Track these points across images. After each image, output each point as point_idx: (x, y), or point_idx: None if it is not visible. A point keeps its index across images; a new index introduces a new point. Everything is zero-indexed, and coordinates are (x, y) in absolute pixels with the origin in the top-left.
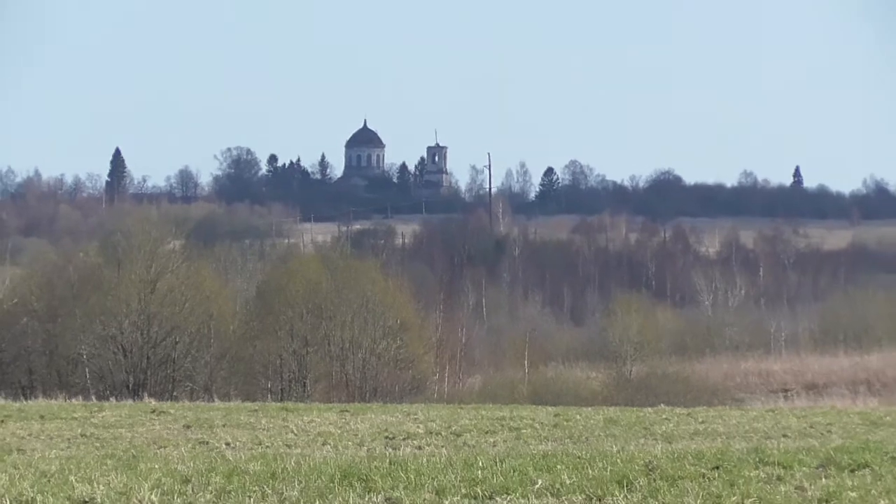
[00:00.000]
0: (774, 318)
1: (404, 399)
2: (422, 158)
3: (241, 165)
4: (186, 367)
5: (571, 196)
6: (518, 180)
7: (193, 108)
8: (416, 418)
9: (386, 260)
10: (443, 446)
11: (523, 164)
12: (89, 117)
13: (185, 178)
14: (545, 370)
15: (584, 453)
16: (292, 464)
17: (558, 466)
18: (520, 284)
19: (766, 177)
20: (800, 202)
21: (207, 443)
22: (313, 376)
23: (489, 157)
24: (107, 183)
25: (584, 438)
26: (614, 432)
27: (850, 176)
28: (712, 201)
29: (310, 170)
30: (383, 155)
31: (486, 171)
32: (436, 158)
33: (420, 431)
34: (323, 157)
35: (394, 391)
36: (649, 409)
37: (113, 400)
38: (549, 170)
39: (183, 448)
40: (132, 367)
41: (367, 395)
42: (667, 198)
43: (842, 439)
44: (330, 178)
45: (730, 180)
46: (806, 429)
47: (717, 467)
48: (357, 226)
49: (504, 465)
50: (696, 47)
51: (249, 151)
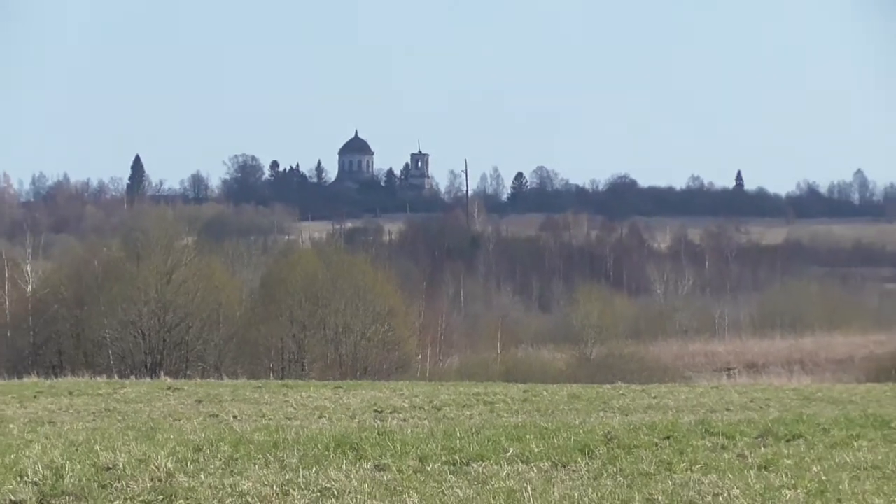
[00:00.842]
0: (719, 305)
1: (391, 377)
2: (406, 164)
3: (246, 170)
4: (198, 348)
5: (539, 197)
6: (491, 183)
7: (204, 120)
8: (401, 394)
9: (375, 254)
10: (425, 419)
11: (496, 169)
12: (112, 127)
13: (197, 181)
14: (516, 351)
15: (550, 425)
16: (292, 434)
17: (527, 436)
18: (493, 276)
19: (712, 180)
20: (741, 203)
21: (217, 416)
22: (311, 357)
23: (466, 162)
24: (127, 186)
25: (550, 412)
26: (577, 406)
27: (785, 179)
28: (664, 202)
29: (307, 174)
30: (372, 161)
31: (464, 175)
32: (419, 164)
33: (405, 406)
34: (319, 162)
35: (382, 370)
36: (608, 386)
37: (133, 378)
38: (519, 174)
39: (195, 420)
40: (150, 349)
41: (358, 373)
42: (623, 199)
43: (778, 412)
44: (325, 182)
45: (679, 183)
46: (747, 403)
47: (668, 437)
48: (349, 224)
49: (479, 436)
50: (648, 64)
51: (254, 158)
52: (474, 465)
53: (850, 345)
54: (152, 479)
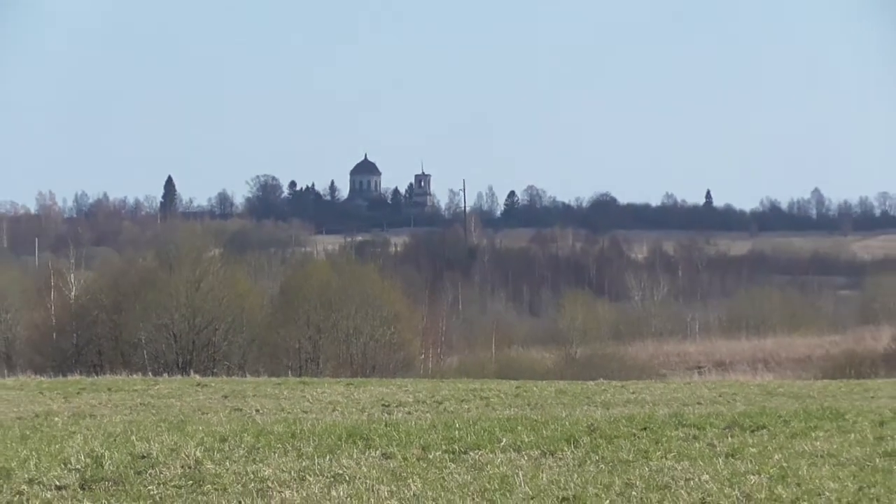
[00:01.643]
0: (690, 310)
1: (397, 375)
2: (410, 184)
3: (267, 189)
4: (224, 349)
5: (529, 213)
6: (487, 201)
7: (230, 144)
8: (406, 390)
9: (382, 264)
10: (427, 412)
11: (491, 188)
12: (147, 150)
13: (223, 199)
14: (508, 352)
15: (539, 417)
16: (308, 426)
17: (519, 427)
18: (488, 284)
19: (684, 197)
20: (710, 218)
21: (241, 409)
22: (325, 357)
23: (464, 182)
24: (161, 203)
25: (539, 405)
26: (563, 401)
27: (750, 196)
28: (641, 217)
29: (322, 193)
30: (380, 181)
31: (462, 193)
32: (422, 184)
33: (409, 400)
34: (332, 182)
35: (388, 368)
36: (591, 383)
37: (165, 376)
38: (512, 192)
39: (221, 414)
40: (181, 350)
41: (368, 371)
42: (604, 214)
43: (744, 406)
44: (338, 200)
45: (655, 200)
46: (715, 398)
47: (646, 428)
48: (359, 237)
49: (476, 427)
50: (627, 92)
51: (274, 178)
52: (471, 453)
53: (808, 345)
54: (183, 467)
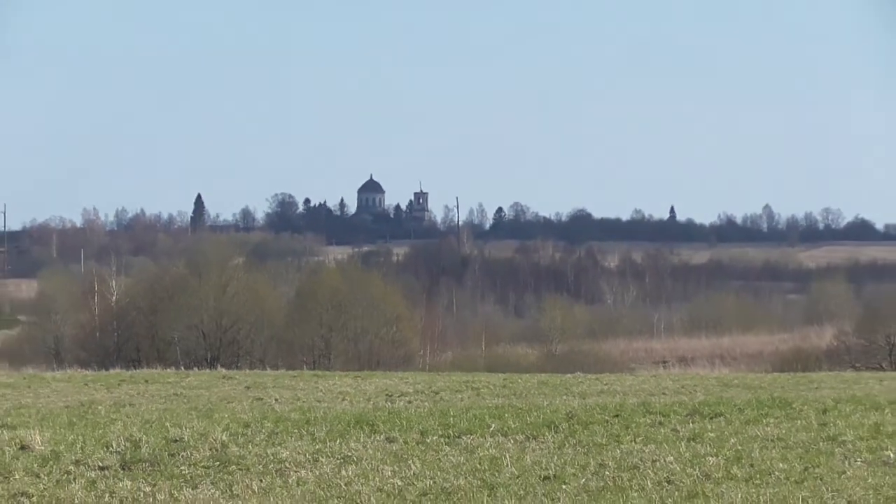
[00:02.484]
0: (656, 311)
1: (399, 368)
2: (410, 201)
3: (284, 205)
4: (247, 346)
5: (514, 227)
6: (477, 215)
7: (252, 165)
8: (406, 382)
9: (385, 272)
10: (425, 401)
11: (481, 205)
12: (179, 171)
13: (246, 214)
14: (496, 348)
15: (523, 406)
16: (321, 413)
17: (506, 415)
18: (479, 289)
19: (651, 212)
20: (673, 230)
21: (262, 399)
22: (335, 352)
23: (457, 199)
24: (191, 218)
25: (523, 395)
26: (545, 391)
27: (708, 211)
28: (613, 230)
29: (332, 209)
30: (384, 198)
31: (455, 209)
32: (420, 200)
33: (410, 391)
34: (342, 199)
35: (391, 363)
36: (569, 375)
37: (195, 369)
38: (499, 208)
39: (244, 402)
40: (209, 346)
41: (373, 365)
42: (581, 228)
43: (703, 396)
44: (346, 215)
45: (625, 215)
46: (678, 389)
47: (617, 415)
48: (365, 248)
49: (468, 414)
50: (598, 124)
51: (290, 196)
52: (464, 437)
53: (760, 343)
54: (210, 449)
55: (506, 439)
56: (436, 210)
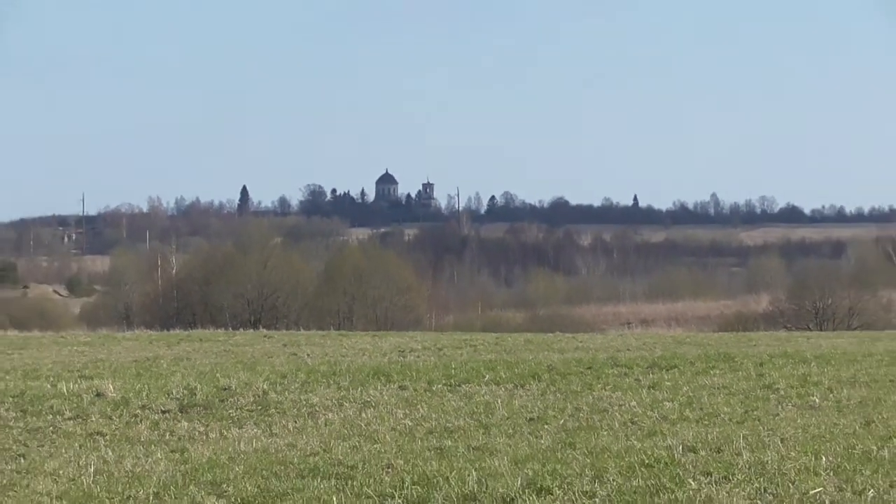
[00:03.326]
0: (622, 282)
1: (409, 329)
2: (419, 190)
3: (315, 194)
4: (284, 310)
5: (505, 212)
6: (474, 202)
7: (288, 160)
8: (416, 340)
9: (398, 250)
10: (431, 356)
11: (477, 193)
12: (228, 165)
13: (283, 202)
14: (490, 313)
15: (512, 360)
16: (345, 366)
17: (498, 367)
18: (476, 264)
19: (618, 200)
20: (637, 215)
21: (296, 354)
22: (357, 316)
23: (458, 189)
24: (238, 205)
25: (512, 351)
26: (530, 348)
27: (665, 199)
28: (587, 214)
29: (355, 197)
30: (397, 188)
31: (457, 197)
32: (427, 190)
33: (418, 348)
34: (363, 189)
35: (403, 324)
36: (550, 335)
37: (241, 330)
38: (493, 196)
39: (282, 357)
40: (252, 311)
41: (388, 326)
42: (560, 213)
43: (661, 351)
44: (366, 202)
45: (596, 202)
46: (640, 346)
47: (590, 367)
48: (382, 230)
49: (467, 366)
50: (578, 120)
51: (320, 186)
52: (463, 386)
53: (708, 308)
54: (254, 396)
55: (498, 387)
56: (440, 198)
